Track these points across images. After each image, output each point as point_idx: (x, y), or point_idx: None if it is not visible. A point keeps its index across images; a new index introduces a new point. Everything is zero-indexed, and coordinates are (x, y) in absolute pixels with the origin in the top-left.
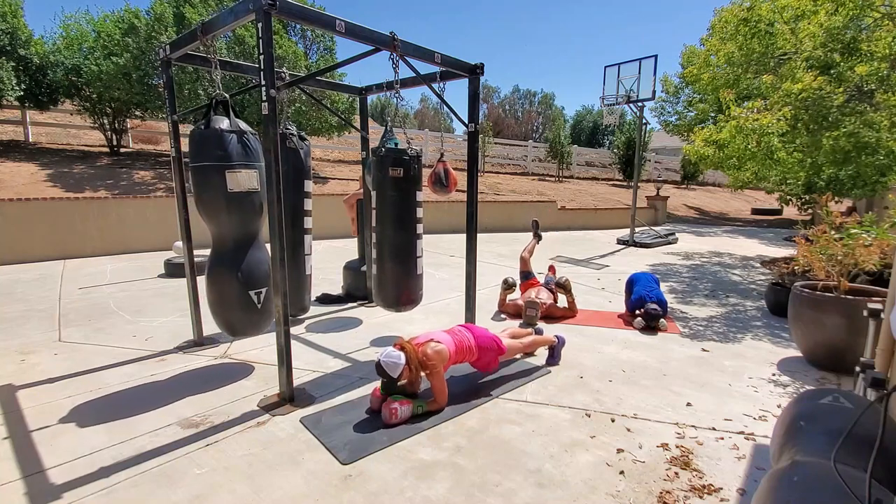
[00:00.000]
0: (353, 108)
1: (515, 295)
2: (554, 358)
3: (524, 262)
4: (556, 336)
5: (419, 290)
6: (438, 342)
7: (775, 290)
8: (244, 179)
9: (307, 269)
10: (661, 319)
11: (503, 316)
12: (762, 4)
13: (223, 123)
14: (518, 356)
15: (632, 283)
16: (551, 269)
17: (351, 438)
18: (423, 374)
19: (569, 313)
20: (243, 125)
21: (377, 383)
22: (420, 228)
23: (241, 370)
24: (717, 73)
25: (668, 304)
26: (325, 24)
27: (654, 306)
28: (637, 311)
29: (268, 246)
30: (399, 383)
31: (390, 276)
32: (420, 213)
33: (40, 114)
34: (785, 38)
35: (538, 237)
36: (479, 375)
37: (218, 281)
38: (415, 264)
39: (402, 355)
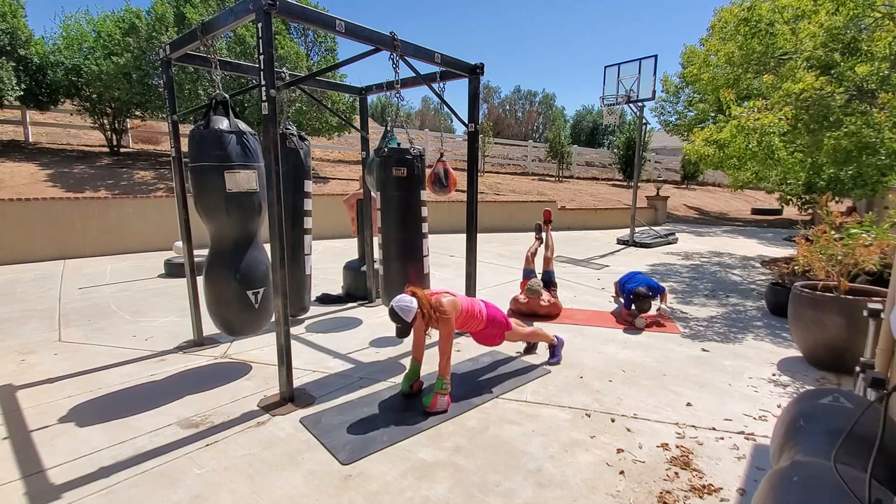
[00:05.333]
0: (354, 108)
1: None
2: (554, 357)
3: (527, 261)
4: (555, 336)
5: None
6: (453, 295)
7: (775, 290)
8: (243, 180)
9: (307, 269)
10: (661, 305)
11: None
12: (762, 4)
13: (222, 124)
14: (515, 354)
15: (623, 284)
16: (545, 215)
17: (351, 438)
18: (431, 327)
19: (553, 310)
20: (242, 125)
21: (378, 384)
22: (425, 227)
23: (241, 370)
24: (717, 73)
25: (669, 305)
26: (325, 24)
27: (642, 289)
28: (631, 308)
29: (268, 246)
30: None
31: (397, 276)
32: (425, 212)
33: (40, 114)
34: (785, 37)
35: (539, 239)
36: (479, 375)
37: (216, 281)
38: (421, 263)
39: (415, 300)
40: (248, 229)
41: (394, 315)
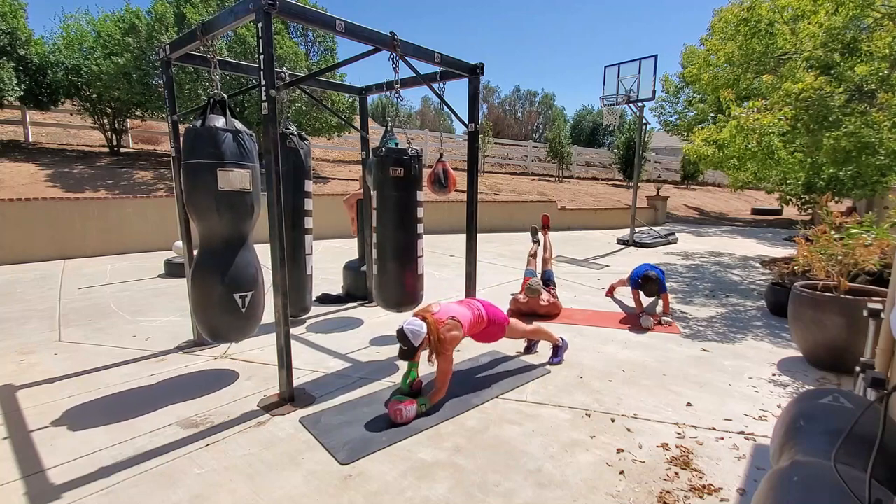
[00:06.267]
0: (354, 108)
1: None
2: (557, 357)
3: (529, 262)
4: (560, 338)
5: (420, 291)
6: (457, 322)
7: (775, 290)
8: (236, 179)
9: (308, 269)
10: (667, 318)
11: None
12: (762, 4)
13: (218, 122)
14: (514, 354)
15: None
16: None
17: (350, 438)
18: (429, 360)
19: (553, 310)
20: (239, 125)
21: (378, 384)
22: (421, 228)
23: (241, 370)
24: (717, 73)
25: (669, 305)
26: (325, 24)
27: (652, 273)
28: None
29: (267, 247)
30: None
31: (391, 277)
32: (421, 212)
33: (40, 114)
34: (785, 38)
35: (537, 242)
36: (479, 375)
37: (202, 283)
38: (416, 264)
39: (425, 325)
40: (240, 230)
41: (402, 337)
